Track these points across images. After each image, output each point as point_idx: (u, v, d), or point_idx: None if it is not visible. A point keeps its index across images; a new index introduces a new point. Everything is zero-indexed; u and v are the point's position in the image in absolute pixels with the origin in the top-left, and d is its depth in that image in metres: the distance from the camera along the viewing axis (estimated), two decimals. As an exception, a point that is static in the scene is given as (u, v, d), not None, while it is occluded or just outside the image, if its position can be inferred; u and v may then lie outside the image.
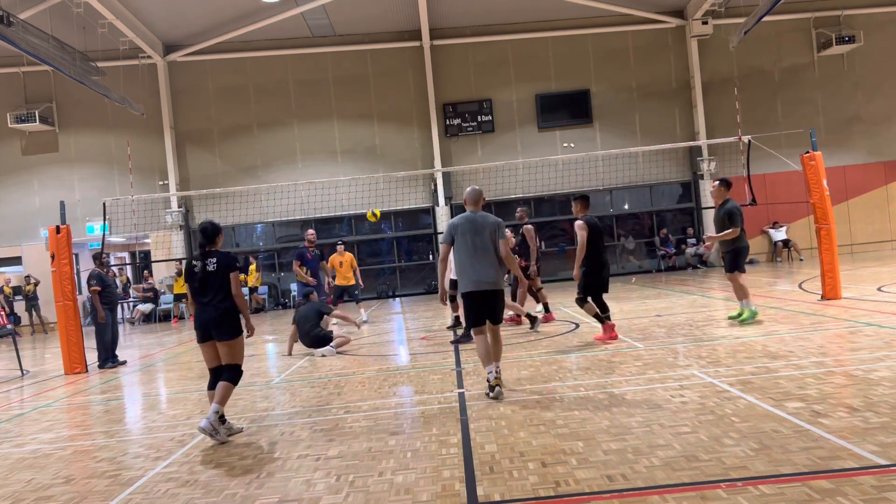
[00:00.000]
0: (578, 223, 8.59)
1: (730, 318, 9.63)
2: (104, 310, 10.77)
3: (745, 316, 9.27)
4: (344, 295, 14.15)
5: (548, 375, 6.94)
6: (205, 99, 22.87)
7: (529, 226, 11.12)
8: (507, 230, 7.00)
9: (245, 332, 5.79)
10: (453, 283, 12.44)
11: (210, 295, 5.72)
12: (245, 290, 22.25)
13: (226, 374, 5.69)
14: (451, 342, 9.70)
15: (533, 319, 10.24)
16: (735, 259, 9.42)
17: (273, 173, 22.49)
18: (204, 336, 5.77)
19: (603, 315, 8.71)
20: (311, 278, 12.52)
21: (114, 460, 5.29)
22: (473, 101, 22.80)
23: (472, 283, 6.24)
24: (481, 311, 6.26)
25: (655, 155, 21.95)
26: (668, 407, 5.26)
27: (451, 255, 6.55)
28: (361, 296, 14.95)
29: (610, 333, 8.64)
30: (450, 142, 22.83)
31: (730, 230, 9.29)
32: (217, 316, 5.65)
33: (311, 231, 13.69)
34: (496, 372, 6.14)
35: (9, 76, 22.20)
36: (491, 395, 6.07)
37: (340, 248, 14.39)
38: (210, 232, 5.87)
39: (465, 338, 9.30)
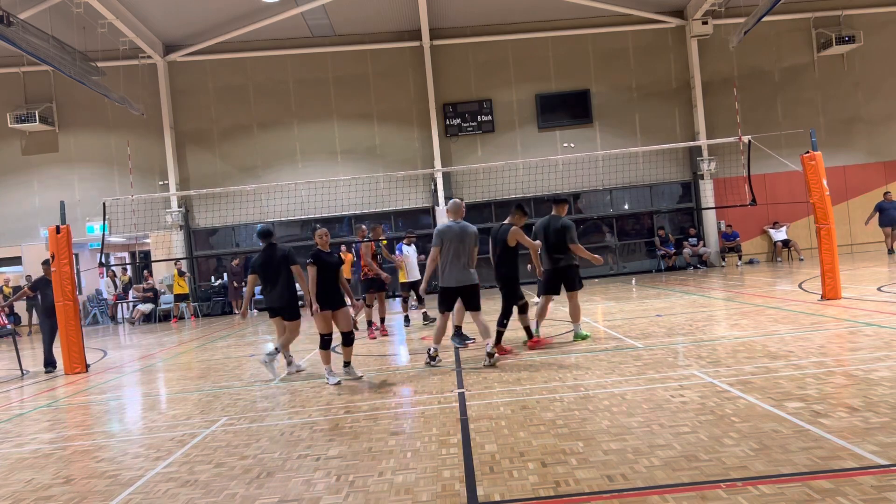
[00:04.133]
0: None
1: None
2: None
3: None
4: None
5: (548, 375, 6.94)
6: (205, 99, 22.86)
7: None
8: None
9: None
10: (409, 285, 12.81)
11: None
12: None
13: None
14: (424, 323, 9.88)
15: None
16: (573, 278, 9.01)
17: (273, 173, 22.49)
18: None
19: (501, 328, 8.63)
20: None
21: (114, 460, 5.29)
22: (473, 101, 22.80)
23: (453, 280, 7.91)
24: (454, 300, 8.10)
25: (655, 155, 21.95)
26: (668, 407, 5.26)
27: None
28: (359, 296, 14.92)
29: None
30: (450, 142, 22.83)
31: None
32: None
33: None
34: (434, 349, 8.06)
35: (9, 76, 22.20)
36: (433, 363, 7.98)
37: (343, 249, 14.43)
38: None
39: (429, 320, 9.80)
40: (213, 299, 22.66)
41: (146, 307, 21.49)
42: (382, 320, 11.87)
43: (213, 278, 23.24)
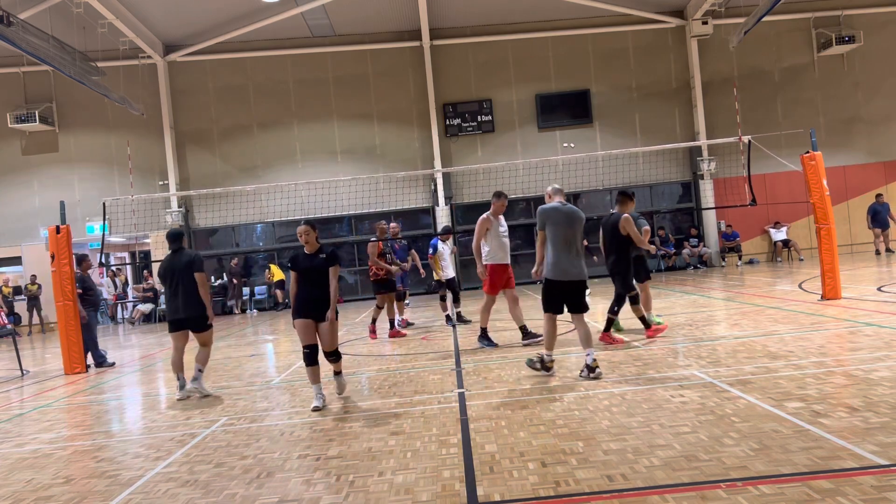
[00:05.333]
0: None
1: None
2: (87, 311, 10.91)
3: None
4: None
5: (548, 375, 6.94)
6: (205, 99, 22.87)
7: None
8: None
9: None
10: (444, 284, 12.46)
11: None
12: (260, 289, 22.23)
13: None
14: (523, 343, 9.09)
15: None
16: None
17: (273, 173, 22.49)
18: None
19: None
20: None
21: (114, 460, 5.29)
22: (473, 101, 22.80)
23: (561, 272, 6.66)
24: (562, 297, 6.76)
25: (655, 155, 21.95)
26: (668, 407, 5.26)
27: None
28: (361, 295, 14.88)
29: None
30: (450, 142, 22.83)
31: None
32: None
33: (393, 224, 12.93)
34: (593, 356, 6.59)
35: (9, 76, 22.20)
36: (546, 373, 6.82)
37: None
38: None
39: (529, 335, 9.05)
40: (212, 299, 22.66)
41: (146, 307, 21.49)
42: (392, 323, 11.47)
43: (212, 278, 23.24)
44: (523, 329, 9.03)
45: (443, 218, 21.89)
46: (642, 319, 8.74)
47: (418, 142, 22.87)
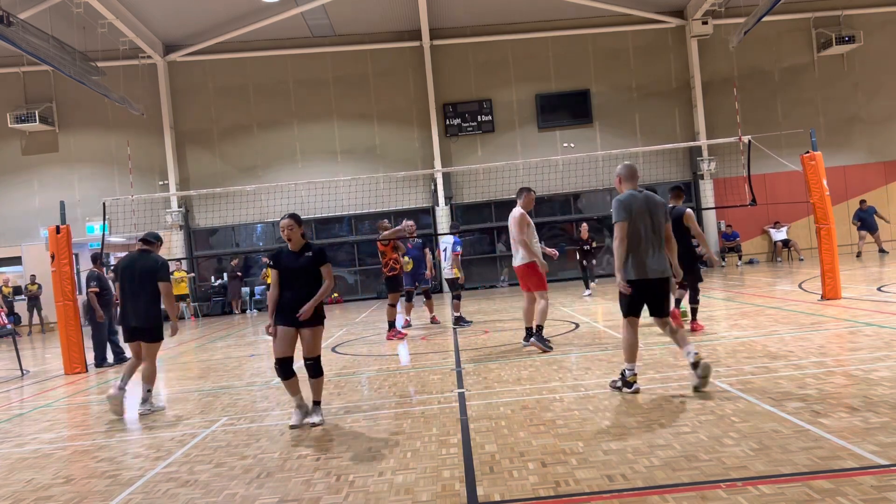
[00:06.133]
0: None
1: None
2: (102, 310, 10.84)
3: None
4: None
5: (548, 375, 6.94)
6: (205, 99, 22.87)
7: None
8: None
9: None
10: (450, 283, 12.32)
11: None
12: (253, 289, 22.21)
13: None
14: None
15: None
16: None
17: (273, 173, 22.49)
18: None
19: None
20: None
21: (114, 460, 5.29)
22: (473, 101, 22.81)
23: (644, 269, 5.73)
24: (645, 297, 5.84)
25: (655, 155, 21.94)
26: (667, 407, 5.26)
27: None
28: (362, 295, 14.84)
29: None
30: (450, 142, 22.83)
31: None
32: None
33: (411, 222, 12.61)
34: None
35: (9, 76, 22.20)
36: (627, 389, 5.78)
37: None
38: None
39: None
40: (212, 299, 22.67)
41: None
42: (392, 324, 11.35)
43: (212, 278, 23.24)
44: (529, 330, 8.72)
45: (443, 218, 21.89)
46: (694, 311, 9.14)
47: (418, 142, 22.87)
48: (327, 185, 19.71)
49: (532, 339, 8.50)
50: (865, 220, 19.60)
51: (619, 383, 5.90)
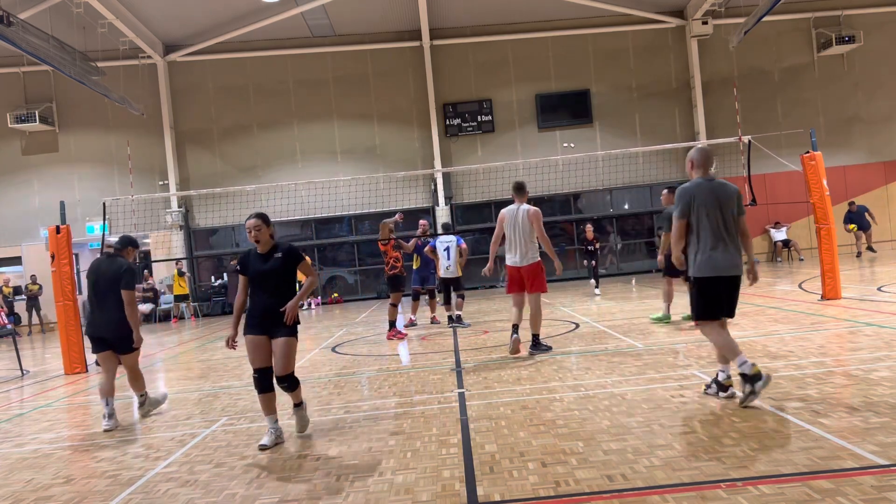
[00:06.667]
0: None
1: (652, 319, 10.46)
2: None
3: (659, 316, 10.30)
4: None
5: (548, 375, 6.94)
6: (205, 99, 22.87)
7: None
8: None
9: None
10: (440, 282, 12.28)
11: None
12: None
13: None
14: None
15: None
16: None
17: (273, 173, 22.49)
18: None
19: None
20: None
21: (114, 460, 5.28)
22: (473, 101, 22.81)
23: (713, 266, 5.24)
24: (722, 297, 5.34)
25: (655, 155, 21.95)
26: (668, 407, 5.26)
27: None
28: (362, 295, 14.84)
29: None
30: (450, 142, 22.83)
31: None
32: None
33: (423, 222, 12.96)
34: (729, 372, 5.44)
35: (9, 76, 22.20)
36: (722, 394, 5.38)
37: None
38: None
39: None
40: (212, 299, 22.67)
41: (146, 307, 21.46)
42: (392, 324, 11.30)
43: (212, 278, 23.24)
44: (536, 336, 8.39)
45: (443, 218, 21.88)
46: None
47: (418, 142, 22.87)
48: (327, 185, 19.71)
49: (531, 349, 8.28)
50: (858, 220, 19.62)
51: (713, 388, 5.47)
